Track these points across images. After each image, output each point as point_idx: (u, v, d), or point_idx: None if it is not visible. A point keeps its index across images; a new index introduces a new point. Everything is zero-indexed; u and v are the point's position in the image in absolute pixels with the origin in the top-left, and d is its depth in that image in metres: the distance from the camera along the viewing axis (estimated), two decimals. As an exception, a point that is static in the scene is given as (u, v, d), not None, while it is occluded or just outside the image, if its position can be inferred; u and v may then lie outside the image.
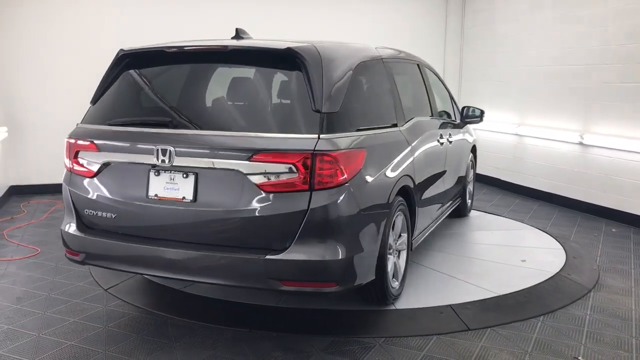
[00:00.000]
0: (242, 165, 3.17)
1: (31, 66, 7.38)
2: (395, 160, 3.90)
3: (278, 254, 3.14)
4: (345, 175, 3.20)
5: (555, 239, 5.71)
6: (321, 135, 3.17)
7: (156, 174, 3.38)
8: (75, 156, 3.62)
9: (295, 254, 3.13)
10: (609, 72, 6.61)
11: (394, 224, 3.86)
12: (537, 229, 6.14)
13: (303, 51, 3.36)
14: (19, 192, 7.53)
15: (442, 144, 5.05)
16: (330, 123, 3.25)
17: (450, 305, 4.02)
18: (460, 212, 6.43)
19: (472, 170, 6.66)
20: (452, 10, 9.49)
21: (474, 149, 6.64)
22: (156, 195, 3.37)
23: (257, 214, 3.16)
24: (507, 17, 8.42)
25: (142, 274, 3.52)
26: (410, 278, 4.51)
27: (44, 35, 7.42)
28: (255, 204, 3.17)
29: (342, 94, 3.42)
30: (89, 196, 3.56)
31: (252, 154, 3.15)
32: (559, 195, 7.40)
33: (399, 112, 4.25)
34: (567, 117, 7.25)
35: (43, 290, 4.31)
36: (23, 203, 7.12)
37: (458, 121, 5.92)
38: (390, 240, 3.81)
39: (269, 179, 3.14)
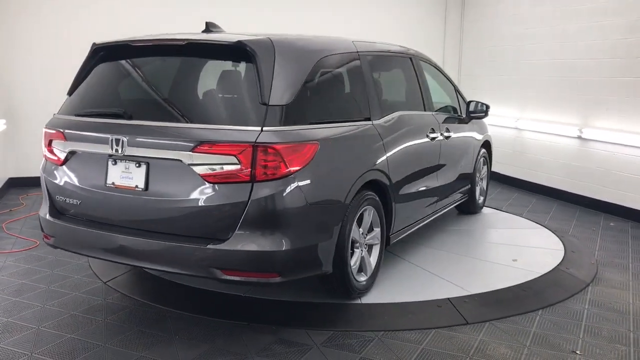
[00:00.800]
0: (186, 156, 3.24)
1: (30, 59, 7.35)
2: (361, 154, 3.90)
3: (220, 244, 3.20)
4: (290, 168, 3.24)
5: (554, 233, 5.72)
6: (264, 128, 3.20)
7: (113, 163, 3.50)
8: (49, 145, 3.79)
9: (236, 244, 3.19)
10: (608, 66, 6.60)
11: (361, 218, 3.91)
12: (535, 223, 6.15)
13: (254, 44, 3.39)
14: (17, 184, 7.52)
15: (434, 139, 4.96)
16: (277, 116, 3.28)
17: (448, 298, 4.03)
18: (469, 209, 6.35)
19: (485, 167, 6.54)
20: (452, 4, 9.47)
21: (487, 145, 6.52)
22: (113, 183, 3.49)
23: (200, 204, 3.23)
24: (507, 11, 8.39)
25: (101, 259, 3.67)
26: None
27: (43, 28, 7.39)
28: (198, 194, 3.23)
29: (295, 87, 3.45)
30: (59, 183, 3.73)
31: (195, 145, 3.21)
32: (557, 189, 7.41)
33: (375, 106, 4.21)
34: (567, 111, 7.25)
35: (42, 282, 4.31)
36: (22, 195, 7.11)
37: (463, 116, 5.82)
38: (355, 235, 3.84)
39: (212, 170, 3.20)
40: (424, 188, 4.88)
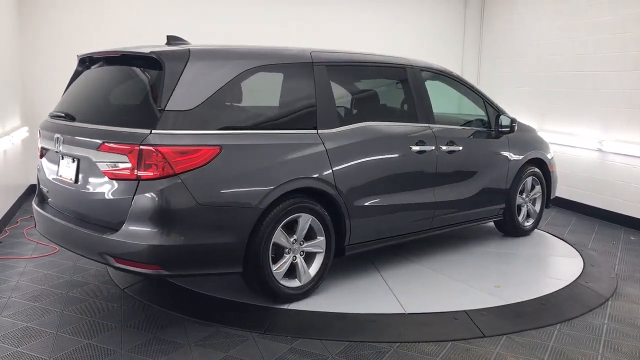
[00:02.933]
0: (93, 154, 3.66)
1: (51, 66, 7.47)
2: (287, 162, 3.93)
3: (112, 234, 3.52)
4: (175, 169, 3.46)
5: (573, 247, 5.65)
6: (154, 131, 3.46)
7: (61, 158, 4.02)
8: (38, 141, 4.44)
9: (124, 235, 3.49)
10: (629, 79, 6.54)
11: (295, 225, 4.02)
12: (553, 236, 6.09)
13: (163, 55, 3.68)
14: (38, 191, 7.62)
15: (422, 152, 4.75)
16: (171, 120, 3.53)
17: (465, 311, 4.00)
18: (508, 231, 5.89)
19: (537, 188, 5.97)
20: (471, 16, 9.46)
21: (540, 164, 5.95)
22: (60, 175, 4.02)
23: (102, 197, 3.66)
24: (526, 23, 8.36)
25: (56, 244, 4.13)
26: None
27: (66, 38, 7.51)
28: (101, 188, 3.66)
29: (204, 95, 3.67)
30: (40, 174, 4.41)
31: (99, 144, 3.60)
32: (577, 202, 7.34)
33: (325, 116, 4.23)
34: (587, 124, 7.19)
35: (61, 288, 4.36)
36: (42, 202, 7.19)
37: (493, 131, 5.51)
38: (281, 240, 3.94)
39: (110, 167, 3.58)
40: (406, 202, 4.70)
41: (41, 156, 4.40)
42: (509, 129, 5.50)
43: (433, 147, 4.86)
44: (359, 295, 4.30)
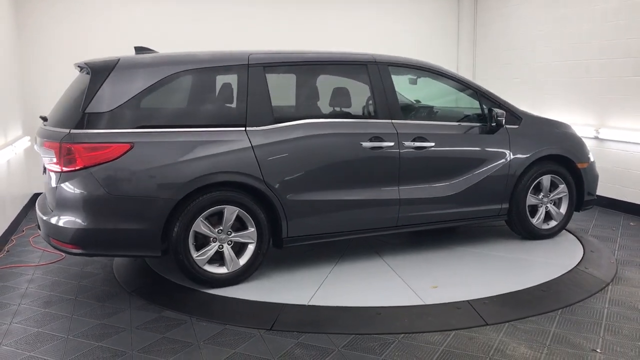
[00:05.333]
0: (41, 150, 4.36)
1: (51, 75, 7.53)
2: (207, 156, 4.21)
3: (49, 218, 4.19)
4: (87, 163, 4.00)
5: (573, 234, 5.71)
6: (72, 130, 4.05)
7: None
8: None
9: (53, 218, 4.15)
10: (622, 66, 6.60)
11: (220, 215, 4.31)
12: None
13: (90, 65, 4.28)
14: (42, 199, 7.68)
15: (377, 148, 4.70)
16: (89, 121, 4.08)
17: (467, 300, 4.07)
18: (522, 233, 5.47)
19: (561, 188, 5.46)
20: (465, 9, 9.50)
21: (565, 162, 5.46)
22: (44, 167, 4.46)
23: (49, 187, 4.30)
24: (520, 13, 8.41)
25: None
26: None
27: (67, 48, 7.57)
28: (47, 179, 4.36)
29: (123, 98, 4.15)
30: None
31: (42, 142, 4.28)
32: (576, 190, 7.38)
33: (256, 114, 4.44)
34: (583, 112, 7.24)
35: (70, 294, 4.43)
36: (47, 210, 7.26)
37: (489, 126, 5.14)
38: (203, 229, 4.26)
39: (48, 161, 4.21)
40: (357, 198, 4.70)
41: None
42: (495, 125, 5.09)
43: (393, 143, 4.77)
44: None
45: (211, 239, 4.32)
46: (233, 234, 4.37)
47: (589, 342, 3.46)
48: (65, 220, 4.09)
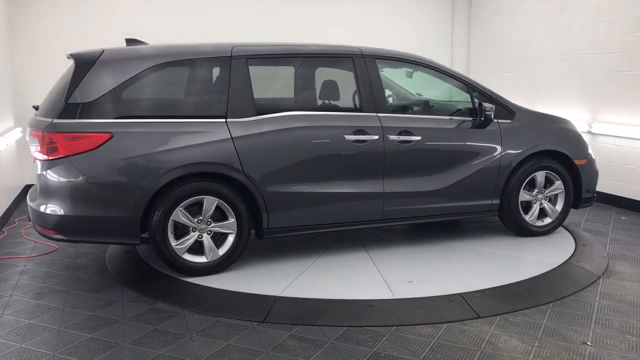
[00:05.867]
0: (29, 138, 4.44)
1: (43, 67, 7.48)
2: (185, 147, 4.28)
3: (33, 203, 4.34)
4: (67, 152, 4.10)
5: (565, 228, 5.73)
6: (55, 120, 4.15)
7: None
8: None
9: (37, 205, 4.28)
10: (615, 61, 6.62)
11: (201, 205, 4.37)
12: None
13: (75, 56, 4.36)
14: (34, 191, 7.64)
15: (361, 142, 4.68)
16: (70, 111, 4.18)
17: (460, 293, 4.08)
18: (514, 230, 5.39)
19: (557, 185, 5.36)
20: (459, 3, 9.50)
21: (562, 158, 5.34)
22: (33, 156, 4.51)
23: (36, 174, 4.36)
24: (514, 8, 8.42)
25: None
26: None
27: (56, 35, 7.52)
28: (34, 166, 4.40)
29: (104, 89, 4.23)
30: None
31: (30, 130, 4.38)
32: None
33: (238, 105, 4.47)
34: (576, 106, 7.27)
35: (62, 285, 4.42)
36: (39, 202, 7.23)
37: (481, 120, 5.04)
38: (182, 219, 4.34)
39: (34, 149, 4.31)
40: (340, 191, 4.70)
41: None
42: (484, 119, 5.01)
43: (377, 137, 4.76)
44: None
45: (191, 228, 4.39)
46: (213, 224, 4.44)
47: (580, 335, 3.49)
48: (47, 206, 4.20)
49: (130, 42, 4.83)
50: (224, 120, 4.43)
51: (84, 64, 4.28)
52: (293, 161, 4.56)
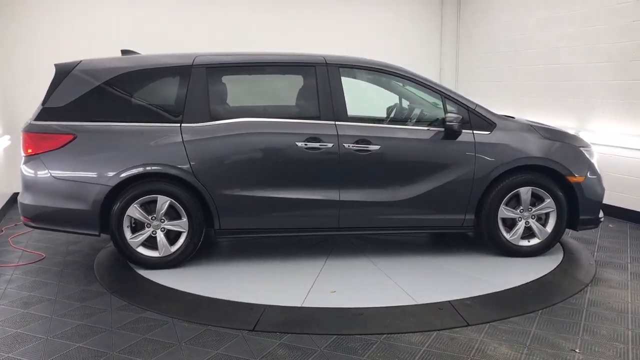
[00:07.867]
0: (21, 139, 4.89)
1: (32, 74, 7.45)
2: (139, 149, 4.68)
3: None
4: (37, 150, 4.70)
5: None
6: (32, 121, 4.76)
7: None
8: None
9: (19, 196, 4.87)
10: (602, 70, 6.69)
11: (157, 204, 4.71)
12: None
13: (57, 66, 4.83)
14: (22, 199, 7.57)
15: (314, 149, 4.72)
16: (43, 114, 4.76)
17: (449, 301, 4.10)
18: (495, 249, 5.09)
19: (547, 203, 4.98)
20: (448, 12, 9.57)
21: (552, 173, 4.97)
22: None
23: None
24: (502, 18, 8.50)
25: None
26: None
27: (44, 42, 7.50)
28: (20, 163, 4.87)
29: (74, 95, 4.74)
30: None
31: (23, 131, 4.82)
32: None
33: (193, 112, 4.76)
34: (563, 115, 7.33)
35: (50, 294, 4.38)
36: (26, 210, 7.16)
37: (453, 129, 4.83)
38: (137, 215, 4.71)
39: (23, 147, 4.79)
40: (293, 197, 4.77)
41: None
42: (449, 130, 4.84)
43: (332, 145, 4.75)
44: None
45: (146, 224, 4.75)
46: (166, 222, 4.77)
47: (569, 343, 3.51)
48: (23, 197, 4.81)
49: (125, 53, 5.19)
50: (178, 125, 4.72)
51: (62, 73, 4.78)
52: (243, 166, 4.78)
